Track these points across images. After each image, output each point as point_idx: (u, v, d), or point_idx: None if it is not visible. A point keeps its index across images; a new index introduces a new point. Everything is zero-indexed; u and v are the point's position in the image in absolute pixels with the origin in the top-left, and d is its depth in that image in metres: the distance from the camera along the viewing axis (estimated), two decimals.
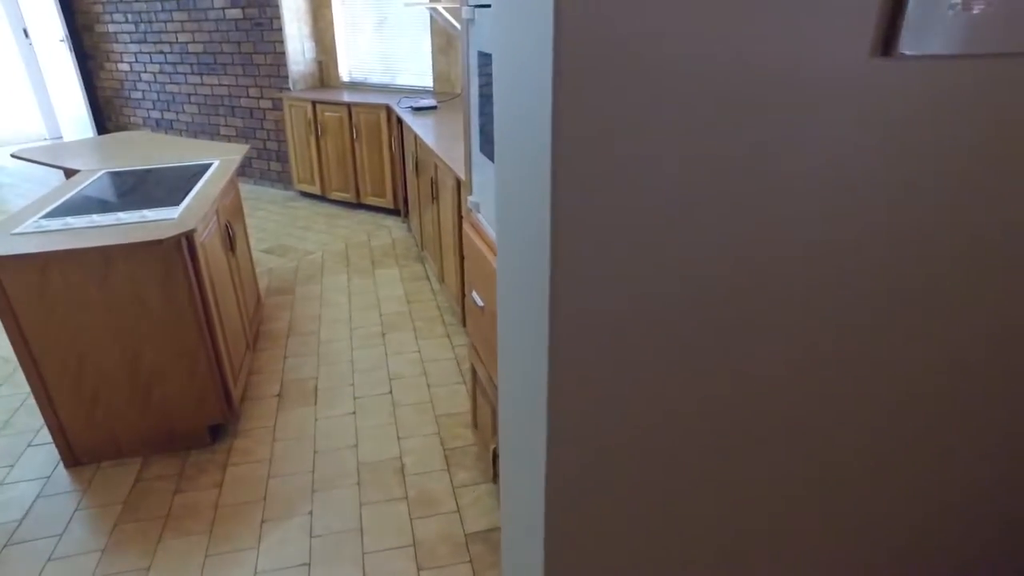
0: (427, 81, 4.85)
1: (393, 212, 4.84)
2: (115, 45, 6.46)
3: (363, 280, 3.81)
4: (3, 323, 2.11)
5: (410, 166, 3.95)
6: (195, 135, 6.20)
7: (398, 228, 4.61)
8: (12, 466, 2.41)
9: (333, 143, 4.84)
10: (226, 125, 5.88)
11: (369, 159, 4.68)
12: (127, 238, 1.99)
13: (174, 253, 2.11)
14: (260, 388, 2.80)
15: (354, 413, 2.63)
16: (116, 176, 2.75)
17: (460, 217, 2.82)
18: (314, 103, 4.81)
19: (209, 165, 2.87)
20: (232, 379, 2.49)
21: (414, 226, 4.16)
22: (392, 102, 4.45)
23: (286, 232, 4.62)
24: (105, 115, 7.06)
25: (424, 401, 2.69)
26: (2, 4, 7.98)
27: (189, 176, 2.70)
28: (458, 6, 4.01)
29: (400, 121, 4.22)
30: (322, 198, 5.26)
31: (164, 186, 2.56)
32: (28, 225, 2.16)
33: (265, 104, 5.47)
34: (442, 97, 4.56)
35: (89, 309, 2.13)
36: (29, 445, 2.49)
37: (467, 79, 1.77)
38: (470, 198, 1.90)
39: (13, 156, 3.28)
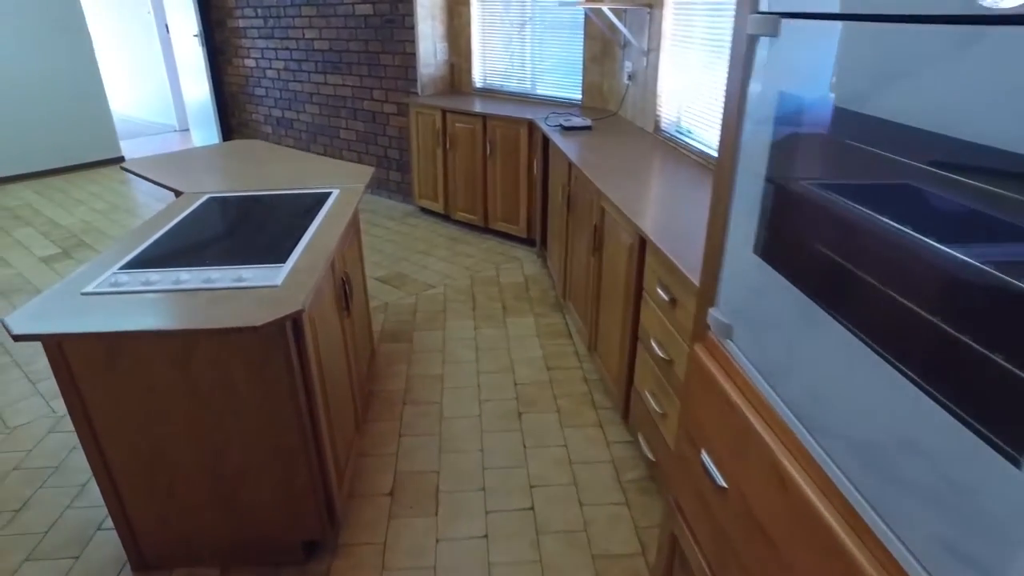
0: (574, 93, 4.18)
1: (525, 242, 4.21)
2: (244, 41, 6.21)
3: (493, 331, 3.19)
4: (66, 400, 1.63)
5: (557, 197, 3.30)
6: (314, 136, 5.85)
7: (531, 262, 3.98)
8: (76, 558, 1.96)
9: (462, 157, 4.27)
10: (346, 128, 5.47)
11: (502, 179, 4.07)
12: (213, 320, 1.44)
13: (273, 338, 1.55)
14: (369, 480, 2.23)
15: (485, 536, 2.00)
16: (219, 205, 2.26)
17: (639, 291, 2.13)
18: (444, 111, 4.25)
19: (328, 195, 2.33)
20: (336, 484, 1.93)
21: (554, 265, 3.51)
22: (534, 115, 3.81)
23: (404, 256, 4.09)
24: (229, 110, 6.88)
25: (576, 529, 2.03)
26: (151, 2, 8.03)
27: (303, 211, 2.16)
28: (624, 7, 3.31)
29: (546, 141, 3.58)
30: (445, 217, 4.71)
31: (271, 225, 2.03)
32: (103, 281, 1.66)
33: (389, 109, 4.99)
34: (592, 113, 3.88)
35: (165, 393, 1.62)
36: (90, 542, 2.02)
37: (735, 132, 1.08)
38: (714, 313, 1.20)
39: (123, 168, 2.89)
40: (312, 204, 2.24)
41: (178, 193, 2.49)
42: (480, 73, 4.70)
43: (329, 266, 1.77)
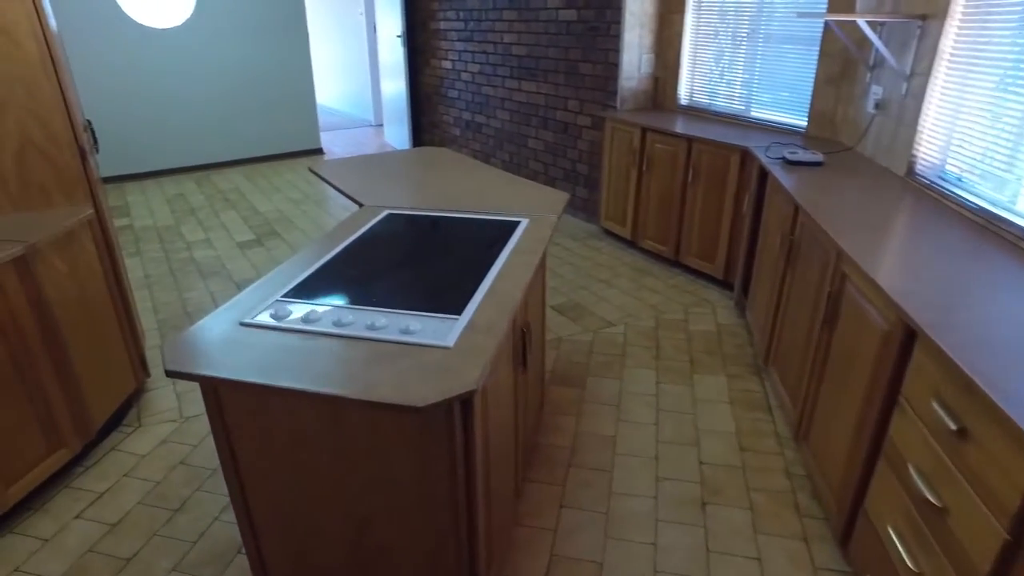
0: (797, 119, 3.61)
1: (720, 284, 3.72)
2: (443, 43, 6.25)
3: (677, 389, 2.77)
4: (215, 440, 1.49)
5: (772, 243, 2.80)
6: (501, 143, 5.72)
7: (725, 308, 3.48)
8: None
9: (659, 181, 3.86)
10: (535, 138, 5.26)
11: (703, 210, 3.61)
12: (371, 387, 1.20)
13: (436, 418, 1.29)
14: (521, 561, 1.93)
15: None
16: (398, 224, 2.07)
17: (893, 394, 1.62)
18: (644, 129, 3.87)
19: (516, 225, 2.06)
20: (485, 571, 1.64)
21: (755, 319, 3.01)
22: (749, 142, 3.32)
23: (583, 285, 3.77)
24: (421, 110, 6.99)
25: None
26: (364, 2, 8.45)
27: (486, 243, 1.90)
28: (885, 19, 2.72)
29: (763, 174, 3.08)
30: (631, 244, 4.33)
31: (450, 258, 1.79)
32: (264, 310, 1.50)
33: (583, 121, 4.70)
34: (819, 145, 3.30)
35: (314, 450, 1.42)
36: (230, 565, 1.92)
37: None
38: None
39: (310, 170, 2.85)
40: (497, 235, 1.97)
41: (359, 204, 2.35)
42: (686, 89, 4.26)
43: (510, 323, 1.48)
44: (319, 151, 7.30)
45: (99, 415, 2.44)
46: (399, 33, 6.64)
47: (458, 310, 1.49)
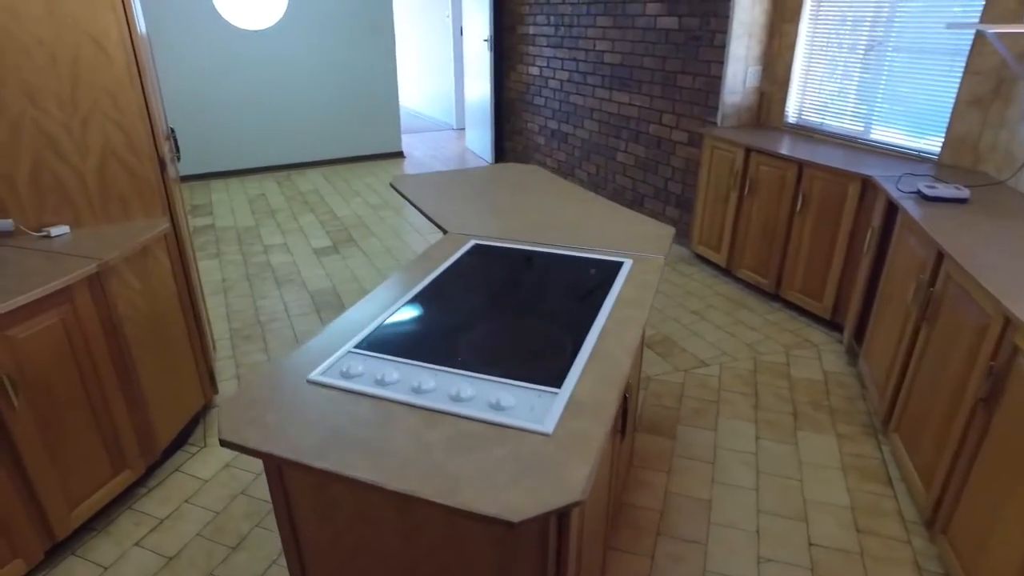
0: (930, 145, 3.21)
1: (827, 324, 3.36)
2: (531, 48, 6.05)
3: (780, 447, 2.47)
4: (275, 507, 1.32)
5: (901, 290, 2.46)
6: (587, 154, 5.48)
7: (832, 353, 3.12)
8: None
9: (762, 207, 3.54)
10: (624, 151, 4.99)
11: (812, 242, 3.27)
12: (449, 485, 0.99)
13: (528, 532, 1.07)
14: None
15: None
16: (485, 258, 1.87)
17: None
18: (748, 150, 3.55)
19: (619, 267, 1.82)
20: None
21: (872, 371, 2.66)
22: (872, 169, 2.96)
23: (673, 316, 3.49)
24: (505, 116, 6.82)
25: None
26: (451, 5, 8.38)
27: (586, 288, 1.68)
28: None
29: (890, 208, 2.72)
30: (725, 272, 4.01)
31: (545, 307, 1.57)
32: (333, 365, 1.32)
33: (678, 136, 4.40)
34: (958, 176, 2.91)
35: (379, 532, 1.23)
36: None
37: None
38: None
39: (391, 186, 2.70)
40: (598, 278, 1.74)
41: (443, 229, 2.17)
42: (796, 106, 3.90)
43: (620, 398, 1.25)
44: (400, 154, 7.25)
45: (165, 435, 2.36)
46: (486, 37, 6.49)
47: (557, 381, 1.27)
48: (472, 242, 2.00)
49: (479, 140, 7.18)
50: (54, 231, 2.17)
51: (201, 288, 3.11)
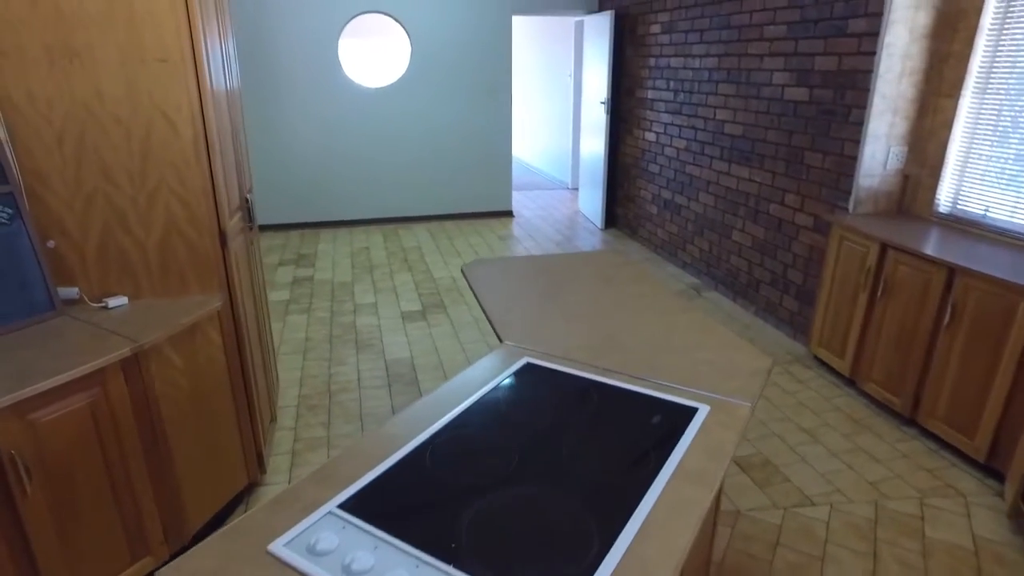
0: None
1: (980, 468, 2.73)
2: (648, 112, 5.78)
3: None
4: None
5: None
6: (700, 230, 5.07)
7: (986, 509, 2.50)
8: None
9: (899, 313, 3.00)
10: (741, 230, 4.55)
11: (963, 364, 2.70)
12: None
13: None
14: None
15: None
16: (532, 383, 1.58)
17: None
18: (884, 245, 3.04)
19: (690, 416, 1.46)
20: None
21: None
22: None
23: (778, 430, 3.00)
24: (618, 181, 6.56)
25: None
26: (573, 63, 8.31)
27: (639, 451, 1.34)
28: None
29: None
30: (848, 382, 3.45)
31: (585, 467, 1.26)
32: (307, 531, 1.08)
33: (803, 220, 3.92)
34: None
35: None
36: None
37: None
38: None
39: (462, 271, 2.50)
40: (660, 434, 1.40)
41: (499, 337, 1.91)
42: (949, 193, 3.34)
43: None
44: (508, 213, 7.15)
45: (197, 518, 2.22)
46: (603, 100, 6.29)
47: (590, 572, 0.95)
48: (525, 360, 1.72)
49: (590, 203, 6.94)
50: (112, 302, 2.13)
51: (273, 351, 3.04)
